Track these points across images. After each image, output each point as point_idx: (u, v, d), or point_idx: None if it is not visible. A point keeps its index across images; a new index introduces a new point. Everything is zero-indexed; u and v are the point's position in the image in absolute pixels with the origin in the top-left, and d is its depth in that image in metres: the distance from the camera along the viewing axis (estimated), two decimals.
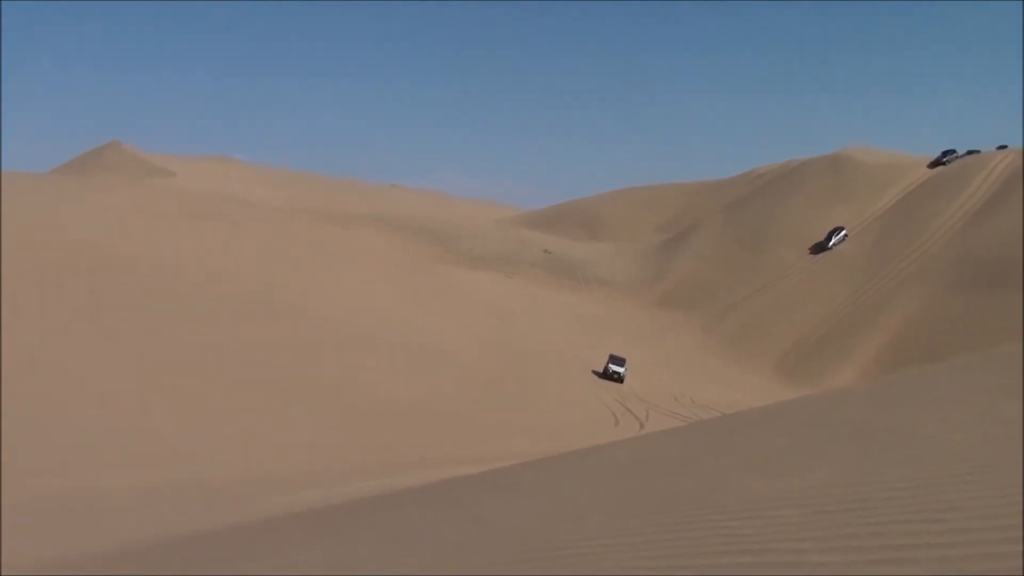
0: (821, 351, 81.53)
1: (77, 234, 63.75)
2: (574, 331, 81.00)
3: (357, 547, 9.21)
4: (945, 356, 25.89)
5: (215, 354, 40.52)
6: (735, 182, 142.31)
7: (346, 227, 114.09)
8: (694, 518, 6.07)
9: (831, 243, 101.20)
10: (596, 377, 62.89)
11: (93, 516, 18.59)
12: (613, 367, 64.17)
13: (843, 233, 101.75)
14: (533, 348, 68.23)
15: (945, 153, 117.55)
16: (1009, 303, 75.31)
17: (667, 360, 76.54)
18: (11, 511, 17.57)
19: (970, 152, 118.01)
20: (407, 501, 13.22)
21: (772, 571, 4.49)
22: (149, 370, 35.23)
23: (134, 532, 16.23)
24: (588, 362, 67.82)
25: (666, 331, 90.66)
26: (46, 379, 30.14)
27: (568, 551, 6.04)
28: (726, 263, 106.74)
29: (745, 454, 9.51)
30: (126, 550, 13.88)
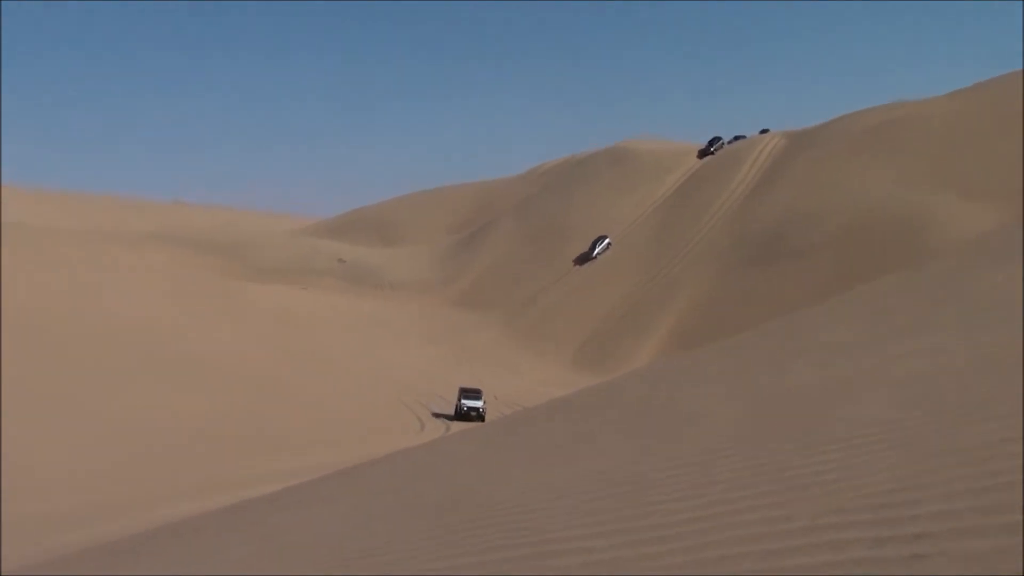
0: (617, 338, 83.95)
1: None
2: (374, 337, 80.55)
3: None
4: (732, 332, 27.15)
5: (8, 384, 38.17)
6: (522, 180, 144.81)
7: (129, 245, 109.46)
8: (477, 515, 6.13)
9: (595, 252, 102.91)
10: (389, 380, 62.40)
11: None
12: (468, 403, 51.93)
13: (607, 242, 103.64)
14: (332, 357, 67.43)
15: (712, 142, 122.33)
16: (789, 276, 79.76)
17: (469, 359, 77.08)
18: None
19: (736, 138, 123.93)
20: (198, 526, 12.81)
21: (549, 560, 4.57)
22: None
23: None
24: (390, 368, 67.55)
25: (465, 330, 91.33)
26: None
27: (354, 560, 6.00)
28: (519, 260, 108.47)
29: (531, 447, 9.68)
30: None
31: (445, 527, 6.20)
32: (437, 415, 51.78)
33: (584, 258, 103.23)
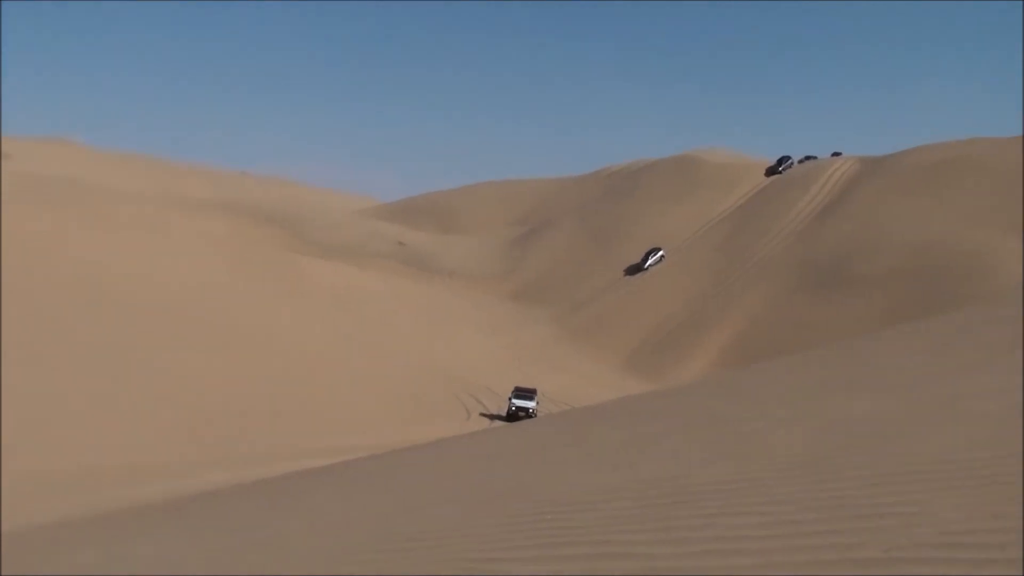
0: (669, 347, 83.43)
1: None
2: (427, 323, 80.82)
3: (188, 541, 8.97)
4: (785, 353, 26.84)
5: (54, 344, 38.92)
6: (587, 180, 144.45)
7: (191, 212, 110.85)
8: (532, 511, 6.10)
9: (647, 264, 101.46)
10: (438, 367, 62.54)
11: None
12: (518, 403, 48.59)
13: (660, 254, 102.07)
14: (384, 339, 67.79)
15: (781, 161, 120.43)
16: (844, 303, 78.76)
17: (520, 353, 77.09)
18: None
19: (807, 158, 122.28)
20: (246, 495, 12.96)
21: (607, 562, 4.55)
22: None
23: None
24: (441, 355, 67.76)
25: (519, 324, 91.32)
26: None
27: (402, 545, 5.98)
28: (578, 259, 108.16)
29: (586, 448, 9.65)
30: None
31: (498, 519, 6.17)
32: (484, 415, 48.76)
33: (635, 269, 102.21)
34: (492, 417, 47.76)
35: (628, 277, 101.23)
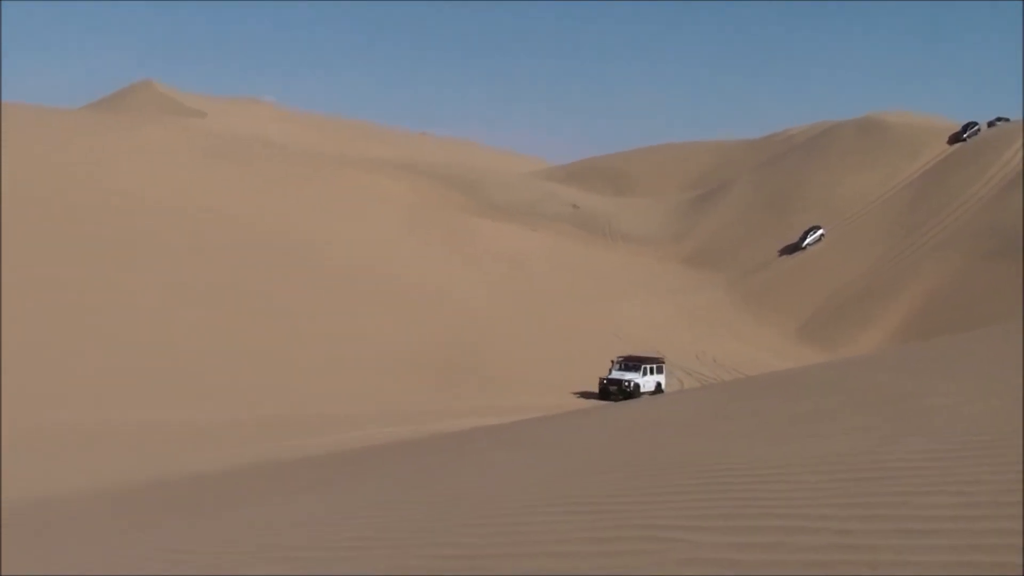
0: (845, 315, 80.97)
1: (83, 171, 63.51)
2: (597, 286, 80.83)
3: (363, 491, 9.29)
4: (971, 326, 25.71)
5: (233, 300, 40.73)
6: (764, 143, 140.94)
7: (370, 172, 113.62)
8: (712, 480, 6.04)
9: (805, 243, 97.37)
10: (609, 330, 62.34)
11: (101, 452, 18.84)
12: (615, 375, 40.66)
13: (819, 232, 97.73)
14: (553, 301, 68.19)
15: (966, 127, 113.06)
16: None
17: (690, 318, 76.26)
18: (13, 444, 17.89)
19: (998, 119, 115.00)
20: (418, 450, 13.31)
21: (798, 536, 4.49)
22: (163, 311, 35.46)
23: (138, 470, 16.39)
24: (609, 318, 67.71)
25: (690, 289, 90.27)
26: (52, 317, 30.39)
27: (576, 507, 6.00)
28: (753, 224, 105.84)
29: (764, 418, 9.51)
30: (132, 487, 14.05)
31: (674, 486, 6.12)
32: (576, 393, 39.98)
33: (792, 248, 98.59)
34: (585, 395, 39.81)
35: (784, 257, 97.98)
